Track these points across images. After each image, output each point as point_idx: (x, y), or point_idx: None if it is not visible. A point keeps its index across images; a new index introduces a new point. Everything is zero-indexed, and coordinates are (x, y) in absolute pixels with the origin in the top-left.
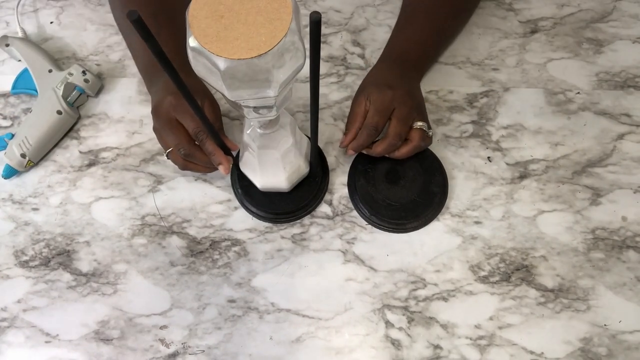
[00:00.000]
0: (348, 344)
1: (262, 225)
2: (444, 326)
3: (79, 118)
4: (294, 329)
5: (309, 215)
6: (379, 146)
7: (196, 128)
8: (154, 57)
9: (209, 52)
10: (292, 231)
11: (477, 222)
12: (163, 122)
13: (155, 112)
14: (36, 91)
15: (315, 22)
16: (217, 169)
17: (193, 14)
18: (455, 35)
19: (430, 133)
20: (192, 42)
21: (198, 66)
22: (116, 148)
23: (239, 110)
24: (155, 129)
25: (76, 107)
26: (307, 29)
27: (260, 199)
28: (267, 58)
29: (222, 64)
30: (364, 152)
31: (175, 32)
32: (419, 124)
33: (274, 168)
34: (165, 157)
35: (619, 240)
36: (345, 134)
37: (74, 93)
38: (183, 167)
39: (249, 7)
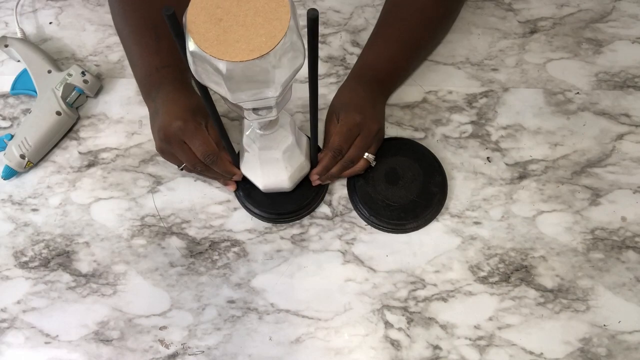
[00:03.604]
0: (347, 344)
1: (261, 225)
2: (444, 327)
3: (78, 119)
4: (294, 329)
5: (308, 216)
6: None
7: (204, 152)
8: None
9: (210, 56)
10: (291, 232)
11: (476, 223)
12: (174, 144)
13: (164, 135)
14: (35, 92)
15: (313, 19)
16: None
17: (191, 18)
18: (430, 49)
19: (374, 164)
20: (191, 46)
21: (198, 71)
22: (115, 149)
23: (240, 111)
24: (162, 150)
25: (75, 108)
26: (305, 30)
27: (261, 199)
28: (268, 58)
29: (224, 67)
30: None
31: (176, 45)
32: (370, 156)
33: (275, 168)
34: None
35: (618, 240)
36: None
37: (73, 94)
38: (199, 174)
39: (246, 8)
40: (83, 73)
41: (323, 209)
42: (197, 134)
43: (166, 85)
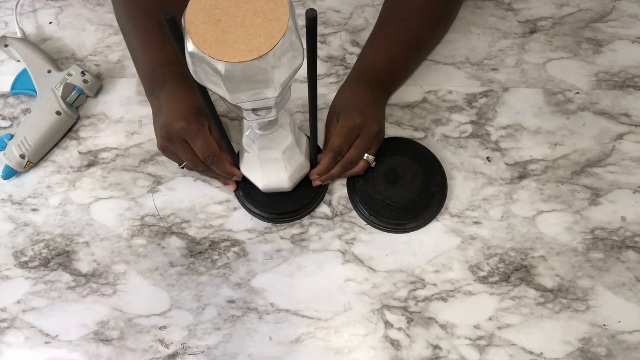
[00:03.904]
0: (347, 344)
1: (261, 225)
2: (444, 327)
3: (79, 119)
4: (294, 329)
5: (308, 216)
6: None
7: (206, 153)
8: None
9: (209, 57)
10: (291, 232)
11: (476, 223)
12: (176, 143)
13: (167, 134)
14: (35, 92)
15: (312, 19)
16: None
17: (190, 19)
18: (430, 49)
19: (374, 165)
20: (190, 47)
21: (197, 72)
22: (115, 149)
23: (239, 112)
24: (164, 148)
25: (75, 108)
26: (304, 30)
27: (261, 200)
28: (267, 59)
29: (223, 68)
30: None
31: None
32: (370, 157)
33: (275, 168)
34: (179, 167)
35: (618, 240)
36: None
37: (73, 94)
38: (200, 174)
39: (245, 9)
40: (83, 73)
41: (323, 209)
42: (200, 134)
43: (170, 83)
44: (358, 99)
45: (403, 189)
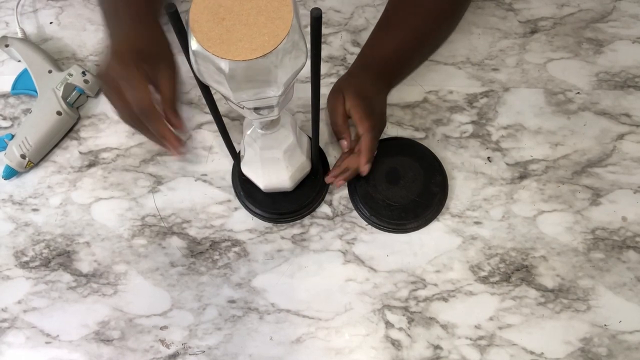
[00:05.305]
0: (348, 344)
1: (262, 225)
2: (444, 326)
3: (79, 118)
4: (294, 329)
5: (309, 216)
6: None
7: (138, 105)
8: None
9: (212, 55)
10: (292, 232)
11: (477, 223)
12: (111, 88)
13: (100, 75)
14: (36, 92)
15: (316, 17)
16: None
17: (194, 18)
18: (435, 45)
19: (374, 153)
20: (194, 45)
21: (200, 70)
22: (116, 148)
23: (241, 111)
24: (103, 92)
25: (76, 108)
26: (307, 29)
27: (262, 199)
28: (271, 57)
29: (226, 66)
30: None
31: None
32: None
33: (276, 168)
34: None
35: (619, 240)
36: (340, 139)
37: (73, 93)
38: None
39: (249, 7)
40: (84, 73)
41: (324, 208)
42: (134, 82)
43: (121, 12)
44: (363, 85)
45: (404, 188)
